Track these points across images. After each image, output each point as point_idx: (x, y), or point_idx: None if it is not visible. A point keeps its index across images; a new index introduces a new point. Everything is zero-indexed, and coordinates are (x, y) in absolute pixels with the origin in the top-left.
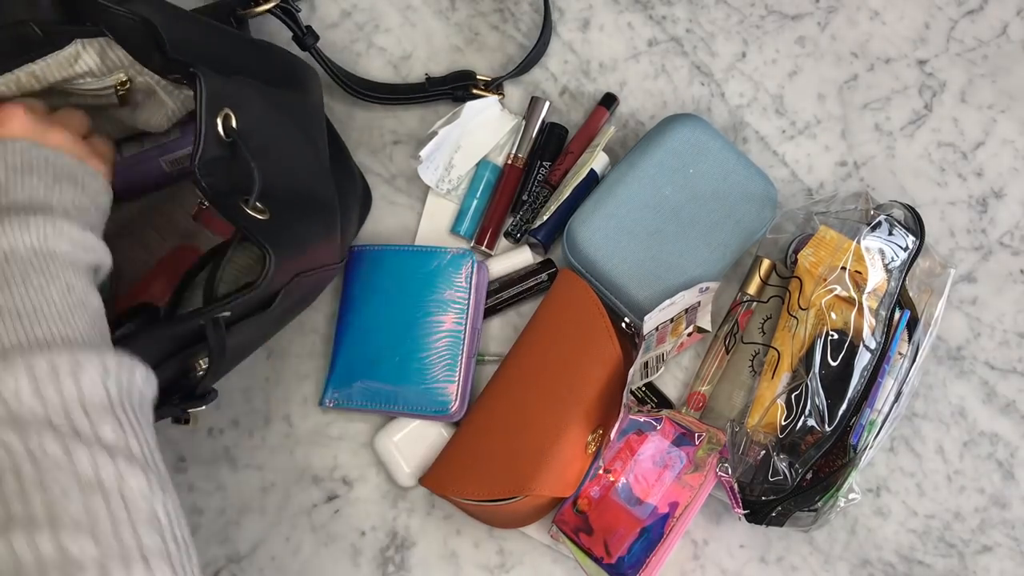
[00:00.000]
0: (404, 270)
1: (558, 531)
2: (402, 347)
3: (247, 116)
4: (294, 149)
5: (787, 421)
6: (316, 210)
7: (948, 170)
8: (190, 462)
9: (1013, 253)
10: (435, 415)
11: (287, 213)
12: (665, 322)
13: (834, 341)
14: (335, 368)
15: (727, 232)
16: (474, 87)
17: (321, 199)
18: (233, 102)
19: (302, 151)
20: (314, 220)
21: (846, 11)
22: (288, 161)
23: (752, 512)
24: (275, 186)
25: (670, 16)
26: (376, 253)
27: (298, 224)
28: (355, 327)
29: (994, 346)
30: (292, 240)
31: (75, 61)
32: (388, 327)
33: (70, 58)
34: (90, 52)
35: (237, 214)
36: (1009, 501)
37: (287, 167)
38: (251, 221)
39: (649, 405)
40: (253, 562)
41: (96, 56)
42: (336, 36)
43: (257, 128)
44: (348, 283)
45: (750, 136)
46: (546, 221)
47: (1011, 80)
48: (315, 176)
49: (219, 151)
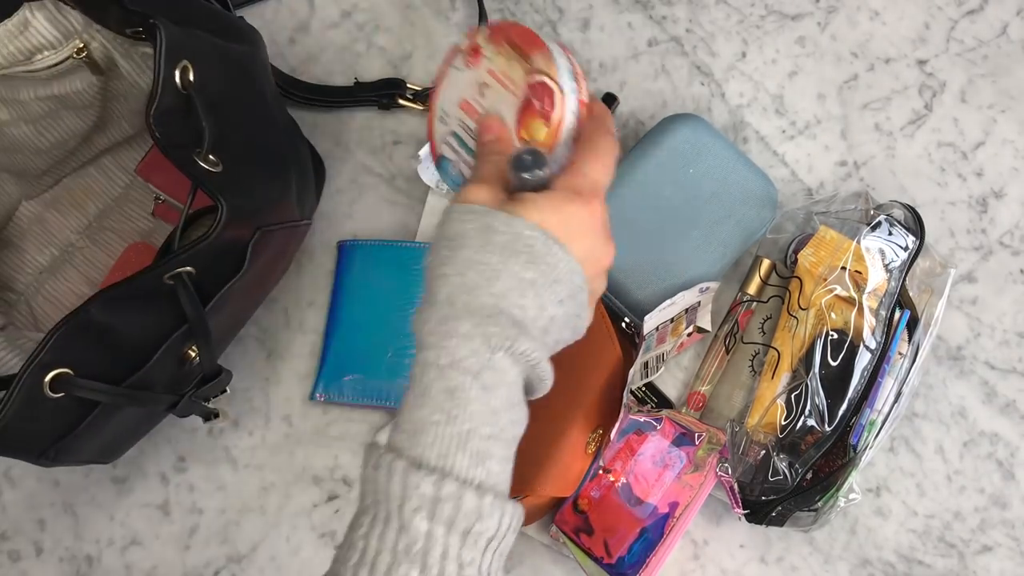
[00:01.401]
0: (397, 265)
1: (558, 531)
2: (394, 342)
3: (204, 69)
4: (247, 102)
5: (787, 421)
6: (268, 163)
7: (948, 170)
8: (190, 462)
9: (1013, 253)
10: None
11: (241, 166)
12: (665, 322)
13: (834, 341)
14: (326, 362)
15: (727, 232)
16: (401, 96)
17: (273, 153)
18: (191, 55)
19: (254, 104)
20: (267, 173)
21: (846, 11)
22: (242, 114)
23: (752, 512)
24: (229, 139)
25: (670, 16)
26: (368, 247)
27: (252, 176)
28: (346, 321)
29: (994, 346)
30: (246, 191)
31: (24, 28)
32: (380, 322)
33: (19, 25)
34: (39, 18)
35: (190, 165)
36: (1009, 501)
37: (240, 121)
38: (203, 173)
39: (649, 405)
40: (253, 562)
41: (46, 22)
42: (336, 36)
43: (212, 81)
44: (339, 277)
45: (750, 136)
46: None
47: (1011, 80)
48: (267, 131)
49: (175, 102)
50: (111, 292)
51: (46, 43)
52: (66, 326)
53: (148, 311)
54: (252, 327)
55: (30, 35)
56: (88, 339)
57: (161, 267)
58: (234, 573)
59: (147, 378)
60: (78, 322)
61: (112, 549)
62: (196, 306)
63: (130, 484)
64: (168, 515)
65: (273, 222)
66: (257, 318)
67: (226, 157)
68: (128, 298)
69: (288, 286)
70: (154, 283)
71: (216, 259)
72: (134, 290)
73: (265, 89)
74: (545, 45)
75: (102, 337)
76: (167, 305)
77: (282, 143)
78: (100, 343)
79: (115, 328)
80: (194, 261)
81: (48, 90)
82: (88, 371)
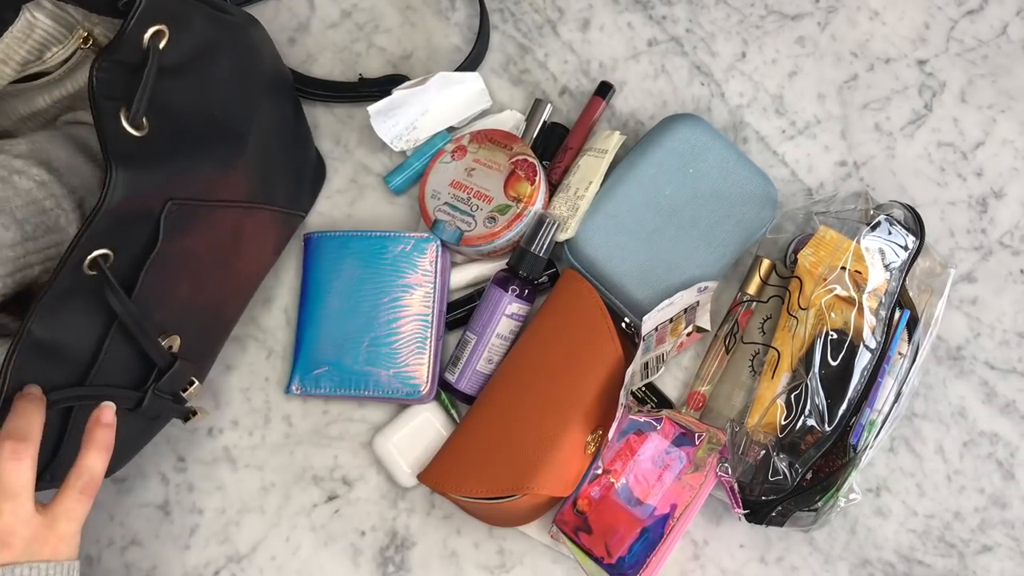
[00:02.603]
0: (368, 255)
1: (558, 531)
2: (369, 331)
3: (181, 35)
4: (220, 77)
5: (787, 421)
6: (216, 138)
7: (948, 170)
8: (190, 462)
9: (1013, 253)
10: (406, 398)
11: (176, 137)
12: (664, 322)
13: (834, 341)
14: (300, 354)
15: (727, 232)
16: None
17: (227, 128)
18: (172, 19)
19: (229, 81)
20: (208, 147)
21: (846, 11)
22: (208, 88)
23: (752, 512)
24: (178, 106)
25: (670, 16)
26: (339, 238)
27: (182, 148)
28: (320, 313)
29: (994, 346)
30: (165, 163)
31: (32, 30)
32: (354, 312)
33: (24, 28)
34: (40, 17)
35: (107, 119)
36: (1009, 501)
37: (203, 93)
38: (117, 132)
39: (649, 405)
40: (253, 562)
41: (48, 19)
42: (336, 36)
43: (187, 48)
44: (309, 269)
45: (750, 136)
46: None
47: (1011, 80)
48: (233, 107)
49: (131, 57)
50: (42, 304)
51: (52, 39)
52: (16, 351)
53: (84, 313)
54: (252, 327)
55: (36, 35)
56: (39, 354)
57: (73, 254)
58: (234, 573)
59: (103, 376)
60: (25, 343)
61: (112, 549)
62: (118, 293)
63: (130, 484)
64: (168, 515)
65: (196, 197)
66: (257, 318)
67: (164, 122)
68: (59, 302)
69: (288, 286)
70: (75, 277)
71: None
72: (61, 292)
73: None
74: (520, 138)
75: (50, 350)
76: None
77: (247, 120)
78: (49, 356)
79: (59, 339)
80: (103, 241)
81: (62, 90)
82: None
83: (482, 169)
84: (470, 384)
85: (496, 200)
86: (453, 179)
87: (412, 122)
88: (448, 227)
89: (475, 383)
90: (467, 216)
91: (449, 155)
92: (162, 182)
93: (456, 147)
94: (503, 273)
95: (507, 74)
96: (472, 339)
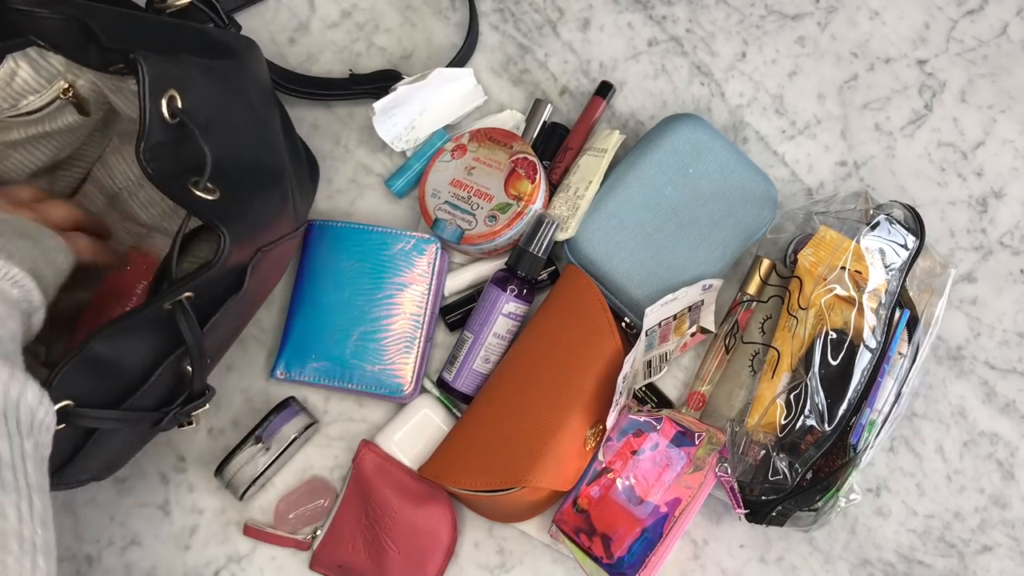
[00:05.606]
0: (368, 249)
1: (558, 531)
2: (359, 325)
3: (192, 94)
4: (240, 121)
5: (787, 421)
6: (268, 181)
7: (948, 170)
8: (190, 462)
9: (1013, 253)
10: (388, 396)
11: (238, 189)
12: (668, 318)
13: (834, 341)
14: (288, 341)
15: (727, 232)
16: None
17: (271, 169)
18: (177, 82)
19: (248, 122)
20: (267, 192)
21: (846, 11)
22: (236, 135)
23: (752, 512)
24: (224, 162)
25: (670, 16)
26: (339, 230)
27: (251, 198)
28: (312, 302)
29: (994, 346)
30: (246, 215)
31: (12, 79)
32: (347, 304)
33: (6, 76)
34: (23, 65)
35: (186, 196)
36: (1009, 501)
37: (235, 142)
38: (200, 202)
39: (649, 405)
40: (253, 562)
41: (30, 69)
42: (336, 36)
43: (202, 105)
44: (307, 256)
45: (750, 136)
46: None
47: (1011, 80)
48: (263, 146)
49: (165, 135)
50: (112, 327)
51: (30, 89)
52: (71, 363)
53: (147, 337)
54: (252, 327)
55: (16, 84)
56: (89, 370)
57: (162, 298)
58: (234, 573)
59: (143, 400)
60: (82, 357)
61: (112, 549)
62: (195, 330)
63: (130, 484)
64: (168, 515)
65: (272, 240)
66: (257, 318)
67: (223, 182)
68: (128, 329)
69: (288, 286)
70: (155, 314)
71: (216, 285)
72: (135, 322)
73: (255, 101)
74: (520, 137)
75: (102, 367)
76: (165, 328)
77: (279, 155)
78: (100, 373)
79: (116, 358)
80: (193, 287)
81: (40, 128)
82: (88, 400)
83: (482, 168)
84: (466, 383)
85: (497, 198)
86: (453, 178)
87: (411, 121)
88: (449, 226)
89: (472, 382)
90: (468, 215)
91: (449, 154)
92: (252, 234)
93: (456, 146)
94: (501, 272)
95: (507, 74)
96: (469, 338)
